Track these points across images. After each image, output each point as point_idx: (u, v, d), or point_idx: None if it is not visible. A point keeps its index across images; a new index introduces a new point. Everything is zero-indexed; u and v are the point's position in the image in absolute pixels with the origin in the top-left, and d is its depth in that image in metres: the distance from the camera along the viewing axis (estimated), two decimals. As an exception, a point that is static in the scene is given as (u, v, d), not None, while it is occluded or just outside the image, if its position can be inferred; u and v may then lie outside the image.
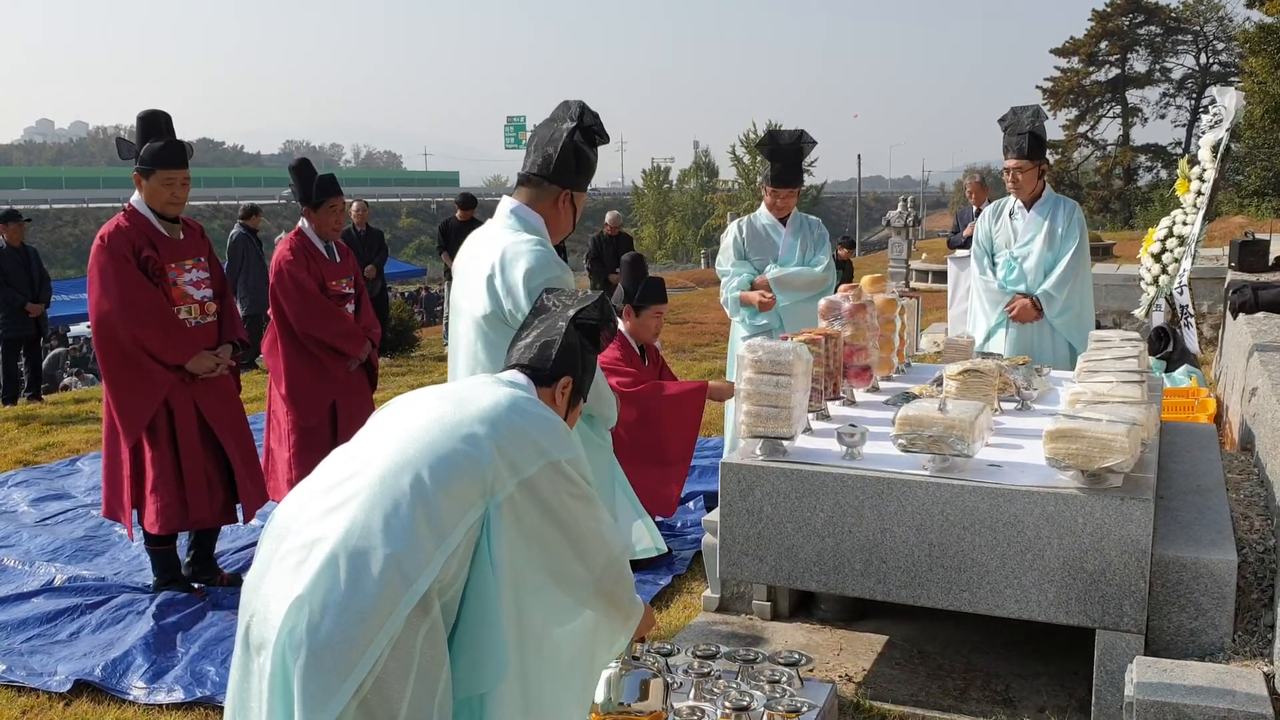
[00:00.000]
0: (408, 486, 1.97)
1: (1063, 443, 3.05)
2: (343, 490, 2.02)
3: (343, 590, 1.87)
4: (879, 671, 3.60)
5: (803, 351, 3.49)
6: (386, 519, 1.93)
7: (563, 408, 2.34)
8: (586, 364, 2.41)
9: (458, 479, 1.99)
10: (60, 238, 49.46)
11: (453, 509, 1.97)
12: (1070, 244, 4.99)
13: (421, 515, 1.94)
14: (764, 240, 5.24)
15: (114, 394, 4.40)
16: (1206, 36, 43.56)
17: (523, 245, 2.95)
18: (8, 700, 3.77)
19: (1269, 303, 6.52)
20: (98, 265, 4.34)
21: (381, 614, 1.87)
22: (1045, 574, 3.12)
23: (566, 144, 2.99)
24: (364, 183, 70.53)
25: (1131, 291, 9.46)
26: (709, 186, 57.74)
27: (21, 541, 5.41)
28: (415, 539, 1.92)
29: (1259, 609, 3.30)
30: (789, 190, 5.14)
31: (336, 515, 1.97)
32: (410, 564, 1.90)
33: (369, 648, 1.85)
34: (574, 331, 2.37)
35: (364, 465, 2.04)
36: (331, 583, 1.88)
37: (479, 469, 2.01)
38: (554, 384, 2.32)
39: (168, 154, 4.39)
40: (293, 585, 1.91)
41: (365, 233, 11.14)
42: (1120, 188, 42.78)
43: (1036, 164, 4.99)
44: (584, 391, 2.43)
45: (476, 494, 2.00)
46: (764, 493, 3.42)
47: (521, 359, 2.34)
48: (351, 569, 1.89)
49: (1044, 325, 5.03)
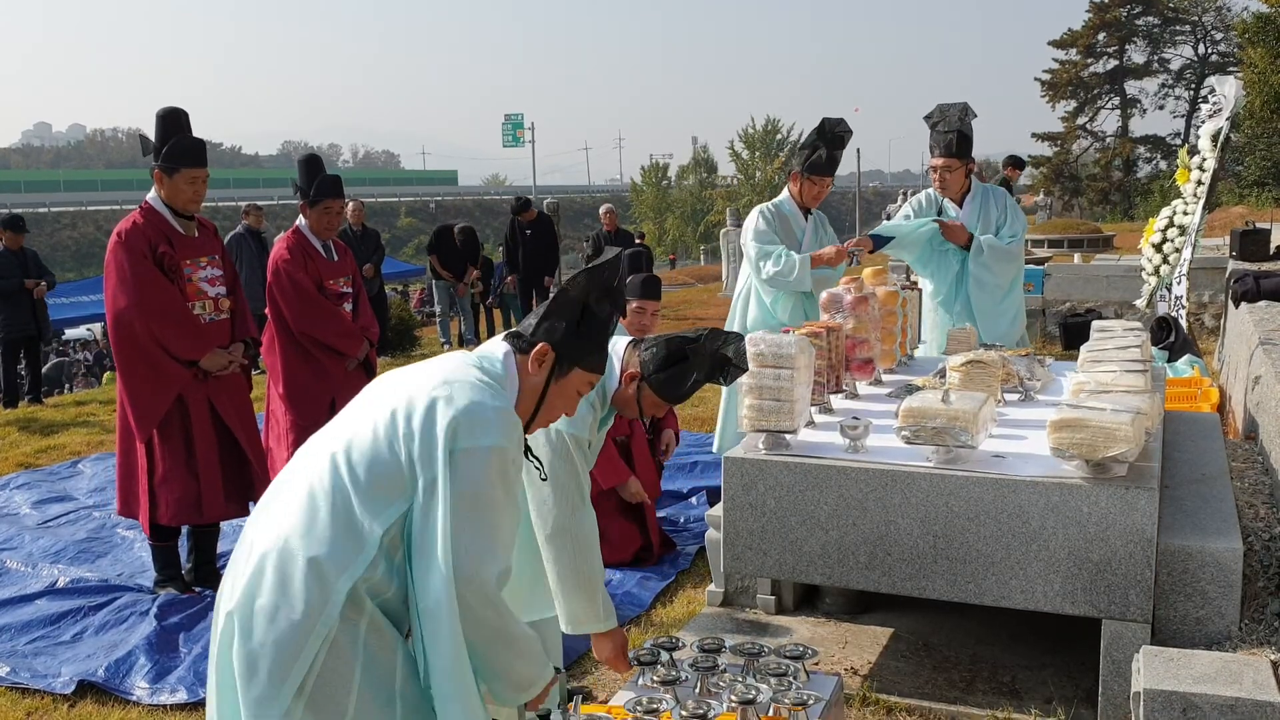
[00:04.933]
0: (329, 487, 1.96)
1: (1067, 433, 3.04)
2: (278, 491, 2.06)
3: (272, 596, 1.91)
4: (884, 664, 3.59)
5: (805, 344, 3.48)
6: (307, 522, 1.94)
7: (540, 377, 2.20)
8: (584, 333, 2.22)
9: (378, 477, 1.96)
10: (59, 240, 49.49)
11: (373, 507, 1.94)
12: (1018, 227, 5.19)
13: (341, 516, 1.94)
14: (788, 229, 5.11)
15: (128, 389, 4.40)
16: (1205, 27, 43.48)
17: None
18: (12, 702, 3.77)
19: (1270, 291, 6.51)
20: (114, 261, 4.36)
21: (311, 617, 1.89)
22: (1050, 564, 3.11)
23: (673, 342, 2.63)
24: (362, 182, 70.51)
25: (1133, 282, 9.46)
26: (708, 183, 57.68)
27: (24, 544, 5.40)
28: (333, 540, 1.92)
29: (1265, 597, 3.29)
30: (828, 180, 5.05)
31: (266, 518, 2.02)
32: (330, 566, 1.91)
33: (302, 651, 1.88)
34: (566, 298, 2.22)
35: (302, 465, 2.06)
36: (259, 589, 1.93)
37: (398, 466, 1.97)
38: (530, 350, 2.20)
39: (194, 152, 4.43)
40: (231, 593, 1.97)
41: (361, 232, 11.12)
42: (1120, 179, 42.73)
43: (964, 163, 5.15)
44: (580, 363, 2.23)
45: (397, 491, 1.96)
46: (767, 487, 3.41)
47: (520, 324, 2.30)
48: (277, 573, 1.92)
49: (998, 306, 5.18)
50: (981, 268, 5.11)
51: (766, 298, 5.11)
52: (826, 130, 4.98)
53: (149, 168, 4.44)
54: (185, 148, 4.40)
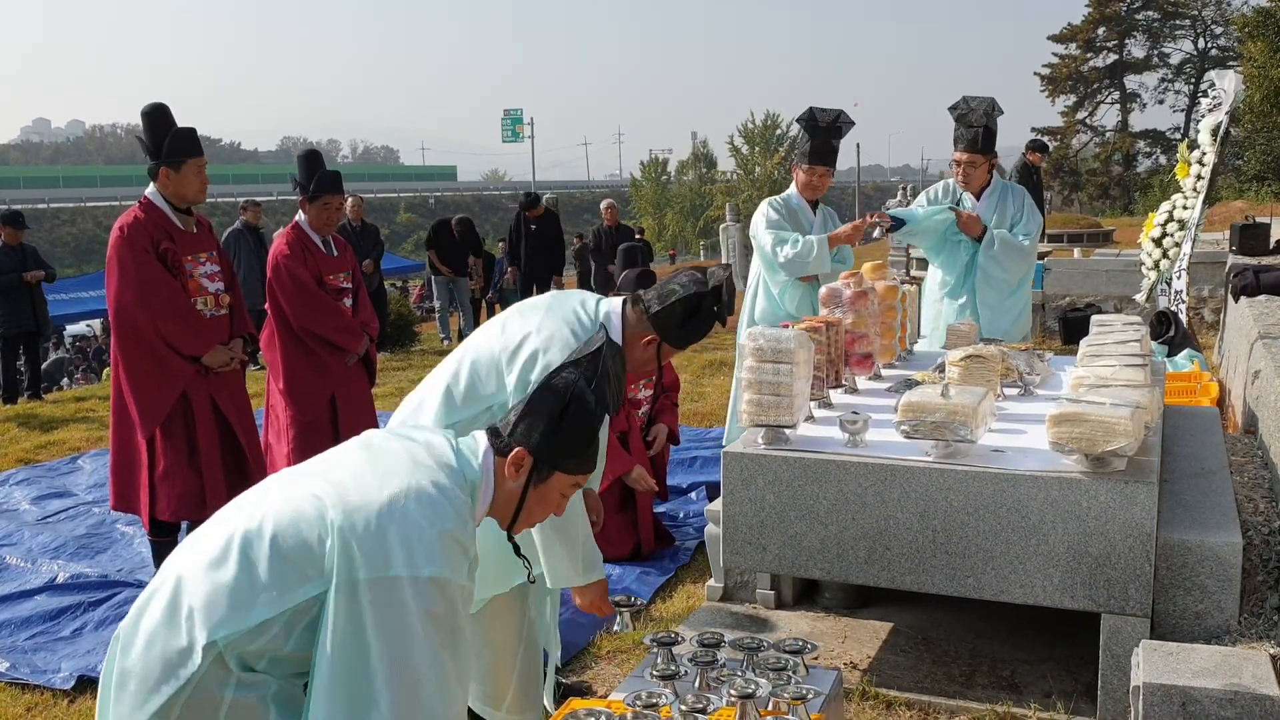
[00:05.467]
0: (239, 546, 1.91)
1: (1066, 427, 3.04)
2: (213, 523, 2.04)
3: (157, 625, 1.91)
4: (884, 659, 3.59)
5: (804, 339, 3.48)
6: (210, 571, 1.91)
7: (516, 488, 2.08)
8: (564, 435, 2.06)
9: (292, 552, 1.88)
10: (58, 237, 49.45)
11: (275, 581, 1.87)
12: (1033, 226, 5.17)
13: (239, 577, 1.88)
14: (796, 223, 5.08)
15: (132, 386, 4.40)
16: (1204, 21, 43.44)
17: (570, 339, 2.69)
18: (12, 698, 3.77)
19: (1270, 286, 6.51)
20: (117, 256, 4.35)
21: (179, 656, 1.87)
22: (1050, 559, 3.11)
23: (688, 297, 2.73)
24: (361, 178, 70.48)
25: (1133, 277, 9.46)
26: (707, 178, 57.68)
27: (24, 539, 5.40)
28: (220, 597, 1.88)
29: (1264, 591, 3.29)
30: (826, 169, 5.02)
31: (187, 546, 2.02)
32: (206, 619, 1.87)
33: (164, 685, 1.87)
34: (547, 394, 2.07)
35: (238, 511, 2.02)
36: (148, 610, 1.94)
37: (318, 552, 1.88)
38: (507, 454, 2.06)
39: (193, 141, 4.45)
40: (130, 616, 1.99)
41: (360, 228, 11.11)
42: (1119, 174, 42.72)
43: (988, 158, 5.14)
44: (560, 467, 2.09)
45: (313, 572, 1.87)
46: (766, 481, 3.41)
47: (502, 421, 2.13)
48: (167, 608, 1.92)
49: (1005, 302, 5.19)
50: (992, 261, 5.10)
51: (774, 289, 5.06)
52: (816, 119, 4.96)
53: (150, 167, 4.42)
54: (185, 138, 4.41)
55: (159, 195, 4.44)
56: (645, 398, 5.08)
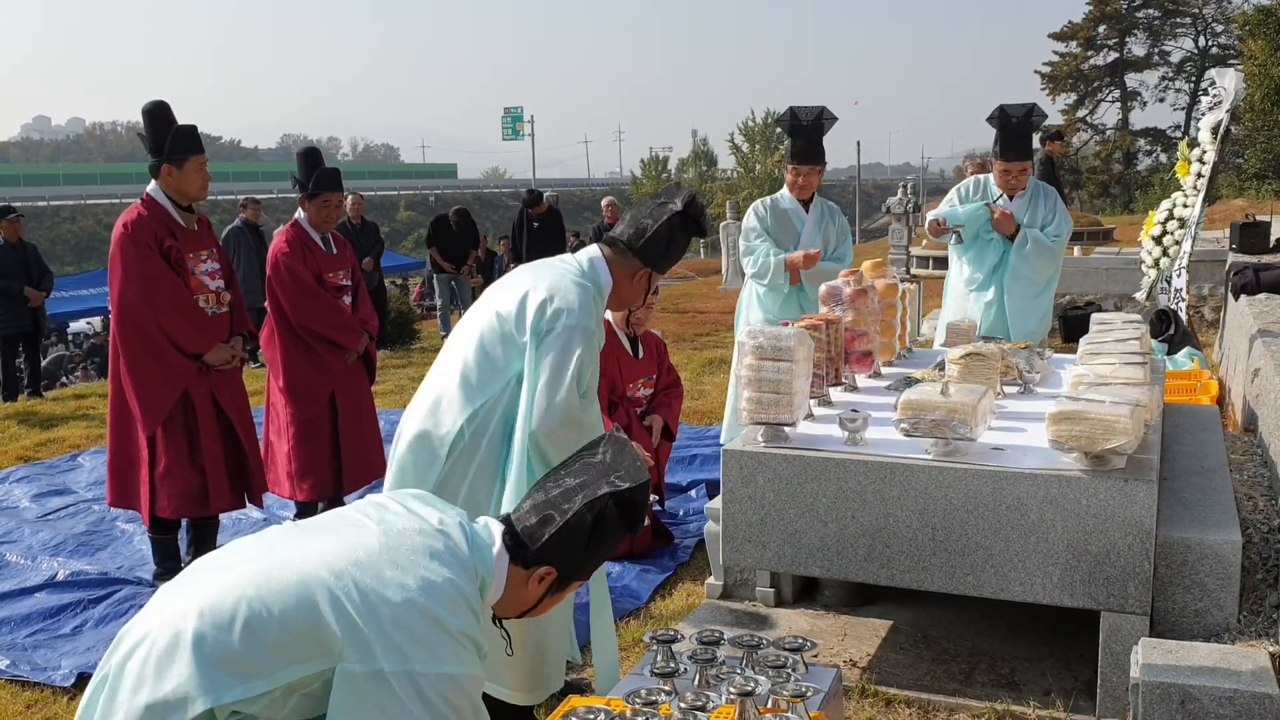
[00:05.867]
0: (245, 618, 1.87)
1: (1066, 425, 3.04)
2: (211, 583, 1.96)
3: (146, 673, 1.87)
4: (883, 656, 3.60)
5: (804, 337, 3.48)
6: (215, 633, 1.87)
7: (533, 595, 2.10)
8: (591, 550, 2.10)
9: (299, 632, 1.87)
10: (58, 234, 49.40)
11: (280, 656, 1.86)
12: (1064, 228, 5.23)
13: (244, 649, 1.86)
14: (785, 224, 5.11)
15: (135, 383, 4.40)
16: (1205, 19, 43.40)
17: (574, 283, 2.88)
18: (12, 695, 3.77)
19: (1270, 284, 6.50)
20: (121, 253, 4.35)
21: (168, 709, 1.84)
22: (1049, 557, 3.11)
23: (663, 225, 2.95)
24: (361, 176, 70.42)
25: (1132, 275, 9.44)
26: (708, 176, 57.64)
27: (24, 537, 5.40)
28: (219, 662, 1.85)
29: (1264, 589, 3.29)
30: (810, 168, 5.03)
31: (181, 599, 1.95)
32: (204, 684, 1.84)
33: None
34: (587, 514, 2.05)
35: (243, 562, 1.99)
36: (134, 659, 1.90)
37: (328, 634, 1.87)
38: (533, 569, 2.06)
39: (195, 138, 4.46)
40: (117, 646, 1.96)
41: (360, 225, 11.11)
42: (1120, 172, 42.69)
43: (1029, 162, 5.25)
44: (577, 577, 2.14)
45: (319, 652, 1.87)
46: (766, 479, 3.41)
47: (520, 518, 2.09)
48: (162, 657, 1.87)
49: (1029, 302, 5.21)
50: (1023, 260, 5.14)
51: (759, 290, 5.20)
52: (797, 118, 4.96)
53: (151, 164, 4.42)
54: (186, 135, 4.41)
55: (161, 192, 4.44)
56: (644, 396, 5.08)
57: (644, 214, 2.99)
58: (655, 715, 2.38)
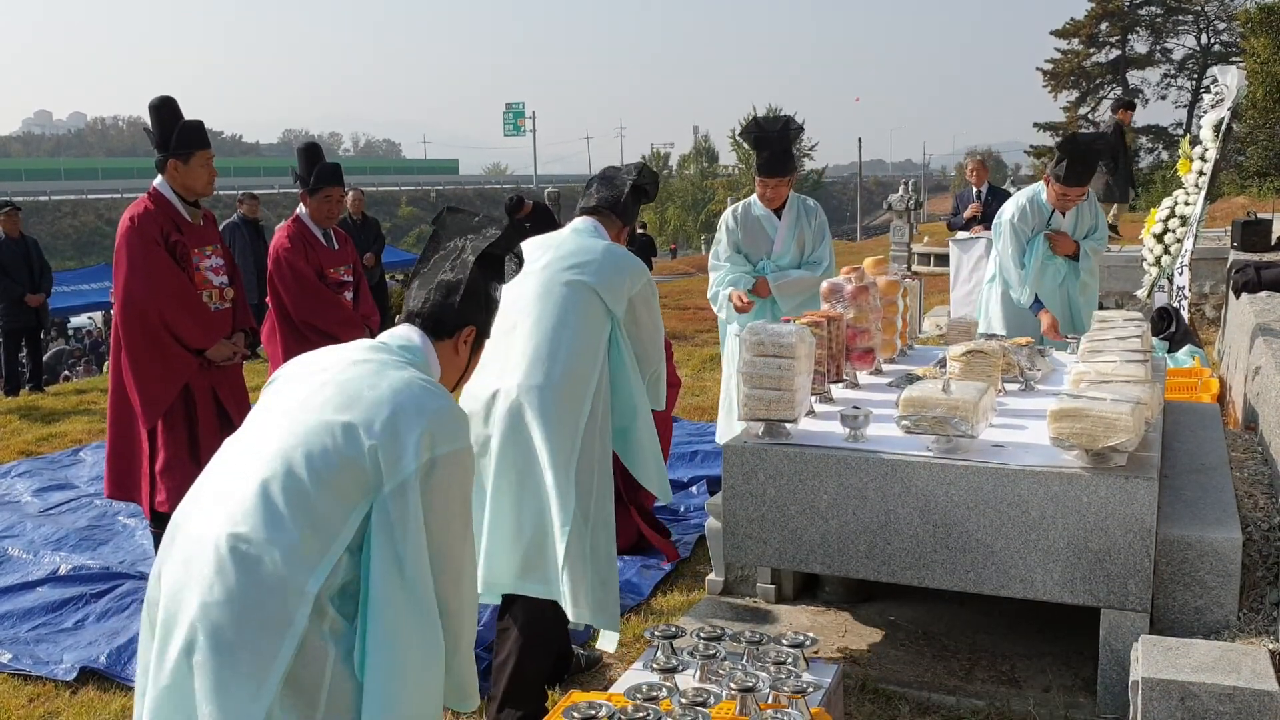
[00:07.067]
0: (283, 487, 1.87)
1: (1067, 422, 3.04)
2: (228, 486, 1.94)
3: (239, 598, 1.82)
4: (884, 653, 3.60)
5: (805, 334, 3.48)
6: (268, 523, 1.85)
7: (464, 358, 2.25)
8: (490, 303, 2.28)
9: (336, 476, 1.89)
10: (60, 229, 49.40)
11: (334, 508, 1.88)
12: (1103, 231, 5.30)
13: (303, 518, 1.85)
14: (757, 232, 5.00)
15: (136, 377, 4.40)
16: (1207, 16, 43.32)
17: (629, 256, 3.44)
18: (14, 689, 3.79)
19: (1271, 282, 6.51)
20: (127, 247, 4.35)
21: (281, 622, 1.82)
22: (1050, 554, 3.11)
23: (633, 191, 3.55)
24: (363, 171, 70.34)
25: (1134, 272, 9.44)
26: (709, 172, 57.60)
27: (26, 531, 5.41)
28: (298, 544, 1.84)
29: (1264, 587, 3.30)
30: (778, 180, 4.88)
31: (219, 513, 1.90)
32: (297, 571, 1.83)
33: (277, 656, 1.82)
34: (477, 270, 2.22)
35: (246, 457, 1.96)
36: (226, 589, 1.83)
37: (359, 466, 1.89)
38: (456, 335, 2.21)
39: (201, 133, 4.45)
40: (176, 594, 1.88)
41: (361, 221, 11.09)
42: (1121, 170, 42.64)
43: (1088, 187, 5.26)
44: (488, 333, 2.31)
45: (359, 492, 1.89)
46: (767, 475, 3.42)
47: (418, 307, 2.21)
48: (243, 575, 1.83)
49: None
50: (1089, 274, 5.24)
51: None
52: (763, 129, 4.84)
53: (157, 159, 4.42)
54: (193, 130, 4.41)
55: (168, 187, 4.44)
56: None
57: (607, 184, 3.61)
58: (656, 710, 2.38)
